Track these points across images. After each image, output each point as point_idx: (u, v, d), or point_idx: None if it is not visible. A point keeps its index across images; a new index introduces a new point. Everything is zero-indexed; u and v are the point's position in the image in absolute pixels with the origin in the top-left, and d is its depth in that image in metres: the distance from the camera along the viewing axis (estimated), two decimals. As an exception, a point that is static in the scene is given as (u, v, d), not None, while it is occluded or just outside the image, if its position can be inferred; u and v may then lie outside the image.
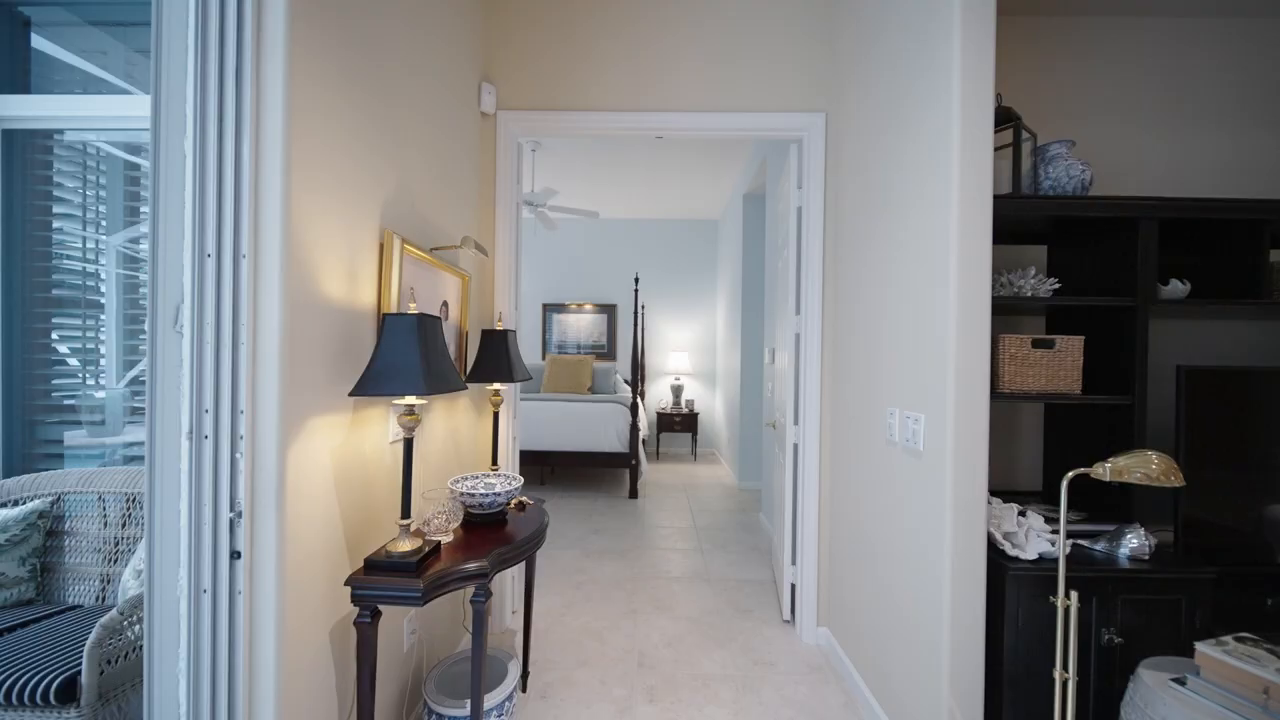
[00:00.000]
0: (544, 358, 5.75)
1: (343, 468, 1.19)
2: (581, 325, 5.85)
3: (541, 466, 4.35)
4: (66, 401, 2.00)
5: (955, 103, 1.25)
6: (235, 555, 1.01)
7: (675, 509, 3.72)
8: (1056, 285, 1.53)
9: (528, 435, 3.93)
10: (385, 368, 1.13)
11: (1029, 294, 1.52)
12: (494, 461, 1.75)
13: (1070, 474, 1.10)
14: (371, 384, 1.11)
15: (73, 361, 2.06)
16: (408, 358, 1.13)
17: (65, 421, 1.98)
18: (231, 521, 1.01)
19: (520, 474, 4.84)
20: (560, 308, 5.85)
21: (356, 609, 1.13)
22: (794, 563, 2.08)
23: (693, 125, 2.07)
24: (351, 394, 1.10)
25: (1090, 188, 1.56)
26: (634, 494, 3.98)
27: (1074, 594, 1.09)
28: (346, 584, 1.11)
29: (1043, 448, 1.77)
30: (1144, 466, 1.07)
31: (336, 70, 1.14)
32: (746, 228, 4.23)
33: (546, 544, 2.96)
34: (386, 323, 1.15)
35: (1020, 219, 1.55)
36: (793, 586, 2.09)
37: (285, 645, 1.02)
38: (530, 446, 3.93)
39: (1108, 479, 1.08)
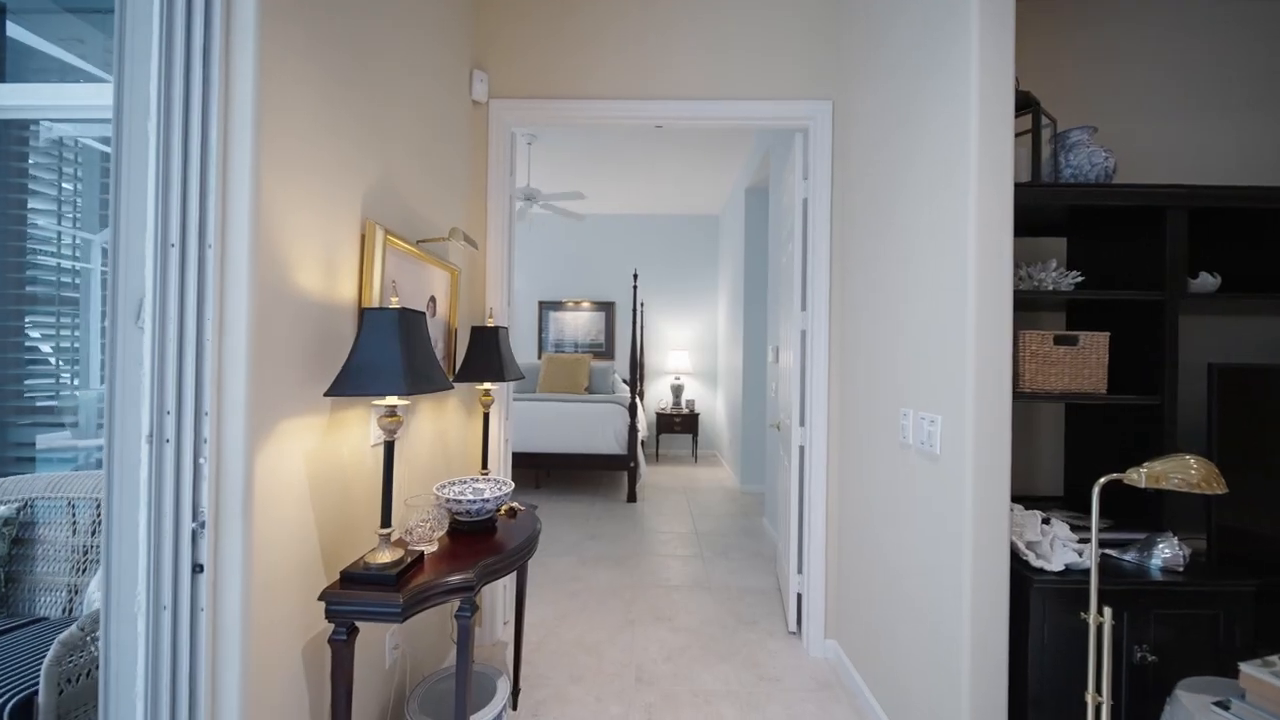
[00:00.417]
0: (540, 357, 5.66)
1: (319, 473, 1.11)
2: (579, 323, 5.77)
3: (536, 469, 4.27)
4: (40, 403, 1.93)
5: (974, 85, 1.17)
6: (198, 569, 0.93)
7: (675, 513, 3.63)
8: (1079, 278, 1.45)
9: (523, 437, 3.85)
10: (364, 366, 1.05)
11: (1050, 288, 1.44)
12: (484, 465, 1.67)
13: (1103, 480, 1.02)
14: (349, 383, 1.03)
15: (55, 361, 1.99)
16: (388, 355, 1.05)
17: (38, 424, 1.90)
18: (194, 532, 0.93)
19: (514, 477, 4.77)
20: (557, 305, 5.77)
21: (332, 625, 1.05)
22: (800, 571, 2.00)
23: (693, 114, 1.99)
24: (327, 394, 1.02)
25: (1114, 176, 1.48)
26: (632, 497, 3.90)
27: (1107, 610, 1.00)
28: (320, 599, 1.03)
29: (1063, 450, 1.69)
30: (1182, 472, 0.99)
31: (312, 46, 1.07)
32: (749, 222, 4.15)
33: (540, 550, 2.88)
34: (366, 318, 1.08)
35: (1039, 208, 1.47)
36: (799, 596, 2.01)
37: (252, 665, 0.94)
38: (525, 448, 3.85)
39: (1143, 485, 1.00)
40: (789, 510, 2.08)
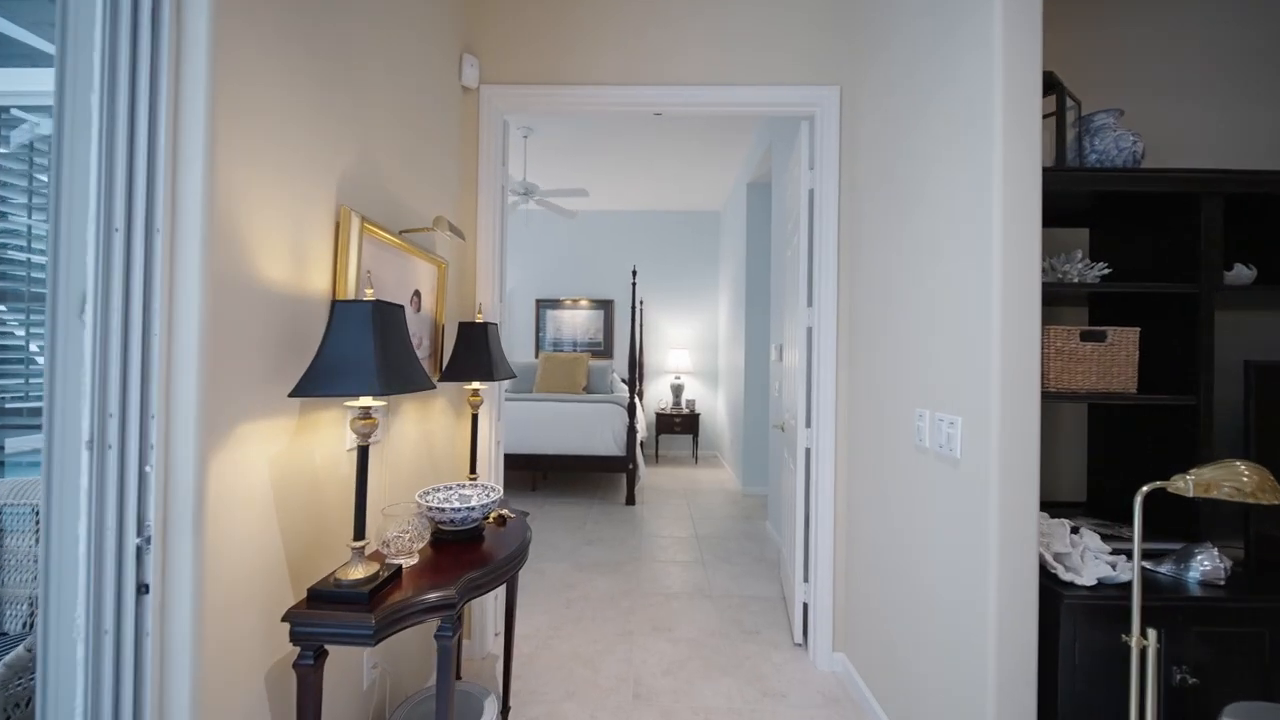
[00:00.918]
0: (537, 355, 5.57)
1: (286, 481, 1.02)
2: (577, 322, 5.67)
3: (533, 471, 4.18)
4: (9, 404, 1.84)
5: (998, 61, 1.08)
6: (143, 589, 0.83)
7: (675, 516, 3.54)
8: (1106, 270, 1.36)
9: (519, 438, 3.76)
10: (334, 364, 0.95)
11: (1075, 280, 1.35)
12: (472, 470, 1.58)
13: (1146, 489, 0.93)
14: (316, 383, 0.94)
15: (25, 361, 1.90)
16: (360, 352, 0.96)
17: (7, 425, 1.81)
18: (139, 549, 0.83)
19: (510, 479, 4.66)
20: (554, 303, 5.68)
21: (298, 649, 0.95)
22: (806, 580, 1.91)
23: (694, 100, 1.90)
24: (292, 394, 0.93)
25: (1142, 161, 1.39)
26: (631, 500, 3.80)
27: (1152, 633, 0.91)
28: (284, 619, 0.94)
29: (1086, 454, 1.60)
30: (1233, 480, 0.90)
31: (279, 18, 0.97)
32: (750, 218, 4.05)
33: (536, 556, 2.78)
34: (336, 311, 0.98)
35: (1063, 195, 1.37)
36: (805, 606, 1.91)
37: (206, 695, 0.85)
38: (521, 450, 3.76)
39: (1190, 494, 0.91)
40: (794, 516, 1.99)
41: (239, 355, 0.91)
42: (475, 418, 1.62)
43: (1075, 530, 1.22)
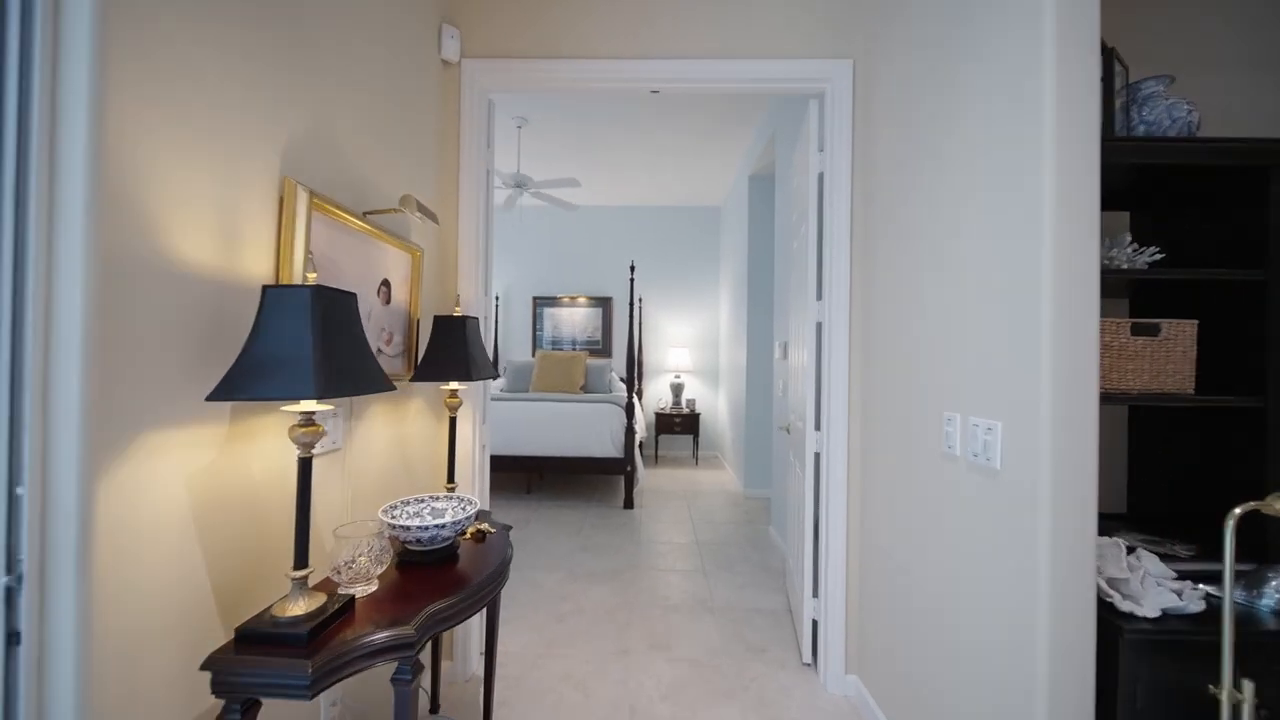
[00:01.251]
0: (534, 354, 5.41)
1: (213, 500, 0.86)
2: (574, 319, 5.51)
3: (529, 474, 4.02)
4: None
5: (1050, 12, 0.92)
6: (14, 639, 0.68)
7: (675, 521, 3.39)
8: (1158, 255, 1.21)
9: (514, 438, 3.60)
10: (262, 361, 0.80)
11: (1124, 265, 1.19)
12: (450, 479, 1.42)
13: (1238, 511, 0.78)
14: (239, 384, 0.78)
15: None
16: (296, 347, 0.80)
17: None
18: (8, 589, 0.68)
19: (504, 482, 4.48)
20: (551, 301, 5.52)
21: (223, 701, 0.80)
22: (816, 595, 1.76)
23: (694, 75, 1.73)
24: (209, 398, 0.77)
25: (1198, 133, 1.23)
26: (629, 504, 3.65)
27: (1248, 685, 0.76)
28: (203, 668, 0.78)
29: (1126, 460, 1.45)
30: (1341, 499, 0.75)
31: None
32: (753, 211, 3.90)
33: (529, 565, 2.63)
34: (266, 299, 0.82)
35: (1106, 169, 1.22)
36: (814, 623, 1.76)
37: (101, 766, 0.69)
38: (517, 451, 3.61)
39: (1291, 517, 0.75)
40: (802, 524, 1.84)
41: (144, 351, 0.75)
42: (453, 421, 1.47)
43: (1131, 550, 1.07)
